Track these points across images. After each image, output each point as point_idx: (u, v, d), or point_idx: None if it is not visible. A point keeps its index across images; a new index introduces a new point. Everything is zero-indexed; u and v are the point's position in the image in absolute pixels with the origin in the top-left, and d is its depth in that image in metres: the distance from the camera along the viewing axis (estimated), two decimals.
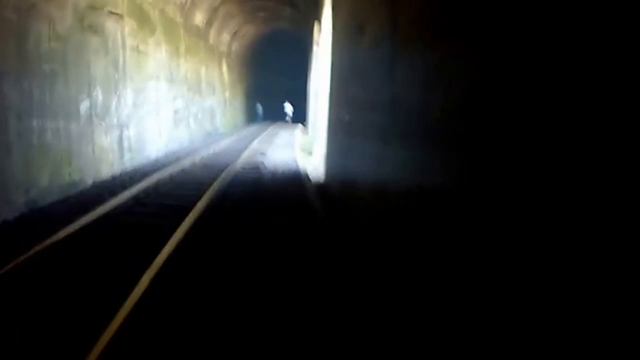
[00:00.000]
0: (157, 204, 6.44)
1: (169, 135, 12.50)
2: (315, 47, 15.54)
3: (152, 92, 11.07)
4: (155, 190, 7.25)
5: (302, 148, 14.11)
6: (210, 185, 7.31)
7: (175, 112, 13.28)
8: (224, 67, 21.44)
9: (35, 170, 6.32)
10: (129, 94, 9.52)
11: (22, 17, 6.00)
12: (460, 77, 2.26)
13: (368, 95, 4.44)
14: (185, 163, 9.58)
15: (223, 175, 8.14)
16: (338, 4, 7.54)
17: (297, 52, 27.23)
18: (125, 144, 9.38)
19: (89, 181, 7.72)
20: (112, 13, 8.62)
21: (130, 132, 9.65)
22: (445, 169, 2.41)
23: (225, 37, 20.45)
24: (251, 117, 29.30)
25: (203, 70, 17.04)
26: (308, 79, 21.97)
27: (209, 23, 16.77)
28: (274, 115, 32.17)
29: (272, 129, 22.89)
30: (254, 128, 23.36)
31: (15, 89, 5.84)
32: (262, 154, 12.15)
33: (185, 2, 13.55)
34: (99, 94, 8.13)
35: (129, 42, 9.52)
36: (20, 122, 5.95)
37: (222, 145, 13.85)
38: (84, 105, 7.60)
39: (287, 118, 31.11)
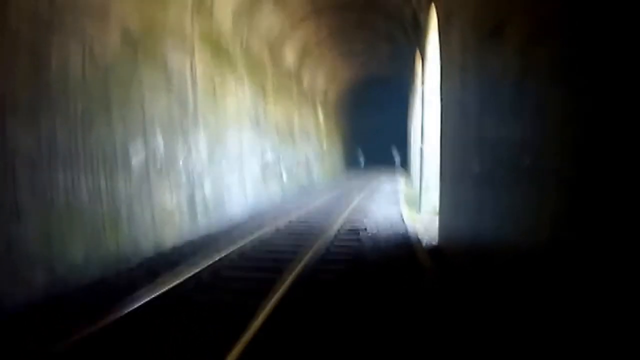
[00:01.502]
0: (224, 288, 4.43)
1: (256, 192, 10.42)
2: (417, 84, 12.90)
3: (233, 141, 9.12)
4: (227, 267, 5.18)
5: (407, 200, 11.31)
6: (292, 264, 4.91)
7: (264, 165, 11.27)
8: (320, 113, 19.64)
9: (61, 240, 4.33)
10: (202, 144, 7.56)
11: (40, 30, 4.21)
12: None
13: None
14: (268, 230, 7.28)
15: (311, 252, 5.55)
16: (449, 23, 5.28)
17: (396, 93, 24.78)
18: (199, 204, 7.30)
19: (147, 253, 5.62)
20: (177, 42, 6.82)
21: (206, 190, 7.60)
22: None
23: (320, 80, 18.75)
24: (350, 165, 27.09)
25: (296, 116, 15.20)
26: (409, 122, 19.31)
27: (301, 64, 15.07)
28: (375, 161, 29.83)
29: (374, 179, 20.24)
30: (354, 179, 20.90)
31: (27, 127, 3.98)
32: (364, 214, 9.48)
33: (275, 38, 11.86)
34: (158, 142, 6.16)
35: (202, 79, 7.67)
36: (35, 174, 4.04)
37: (318, 202, 11.43)
38: (137, 156, 5.62)
39: (396, 163, 29.11)
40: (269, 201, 11.25)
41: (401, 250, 6.08)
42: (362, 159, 30.00)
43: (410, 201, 11.47)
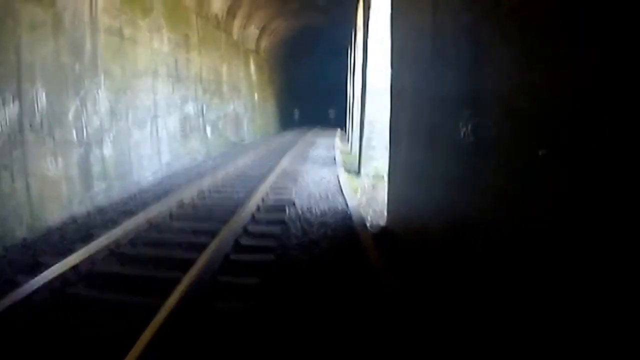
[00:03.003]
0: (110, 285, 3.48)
1: (173, 150, 9.62)
2: (359, 34, 12.30)
3: (144, 93, 8.20)
4: (114, 257, 4.28)
5: (345, 164, 10.79)
6: (179, 272, 3.88)
7: (184, 119, 10.40)
8: (252, 67, 18.60)
9: None
10: (102, 96, 6.64)
11: None
12: None
13: None
14: (183, 195, 6.51)
15: (212, 248, 4.09)
16: None
17: (335, 45, 23.88)
18: (95, 169, 6.48)
19: (16, 238, 4.81)
20: None
21: (105, 151, 6.76)
22: None
23: (253, 31, 17.60)
24: (286, 122, 26.34)
25: (225, 68, 14.19)
26: (349, 75, 18.77)
27: (230, 13, 13.92)
28: (312, 120, 29.21)
29: (309, 136, 19.73)
30: (288, 136, 20.29)
31: None
32: (293, 179, 8.45)
33: None
34: (39, 94, 5.24)
35: (105, 21, 6.65)
36: None
37: (243, 162, 10.73)
38: (4, 112, 4.73)
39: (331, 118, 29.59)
40: (190, 160, 10.48)
41: (340, 239, 4.70)
42: (296, 112, 29.44)
43: (348, 162, 11.02)
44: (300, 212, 5.86)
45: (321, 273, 3.80)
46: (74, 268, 3.74)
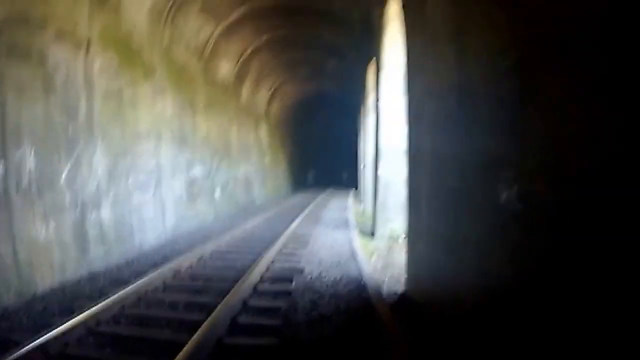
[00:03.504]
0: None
1: (179, 213, 9.19)
2: (370, 96, 12.23)
3: (147, 156, 7.90)
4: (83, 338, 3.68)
5: (359, 225, 10.22)
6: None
7: (191, 182, 10.07)
8: (263, 130, 18.61)
9: None
10: (99, 158, 6.32)
11: None
12: None
13: None
14: (182, 263, 5.97)
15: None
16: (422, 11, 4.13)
17: (345, 109, 24.05)
18: (92, 232, 6.04)
19: (6, 301, 4.31)
20: (64, 36, 5.63)
21: (103, 215, 6.34)
22: None
23: (263, 95, 17.79)
24: (298, 185, 26.10)
25: (234, 132, 14.09)
26: (360, 138, 18.66)
27: (239, 77, 14.05)
28: (325, 181, 29.07)
29: (321, 199, 19.27)
30: (300, 198, 19.86)
31: None
32: (304, 242, 7.86)
33: (204, 47, 10.78)
34: (26, 156, 4.90)
35: (102, 82, 6.48)
36: None
37: (252, 225, 10.22)
38: None
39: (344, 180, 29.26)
40: (197, 222, 10.02)
41: (354, 312, 4.11)
42: (310, 174, 29.31)
43: (361, 223, 10.49)
44: (310, 280, 5.27)
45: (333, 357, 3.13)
46: (41, 348, 3.16)
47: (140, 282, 4.82)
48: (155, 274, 5.21)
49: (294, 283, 5.14)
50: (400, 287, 4.96)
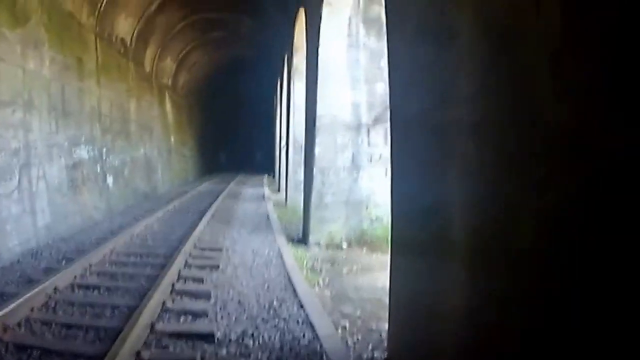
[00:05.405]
0: None
1: (57, 208, 7.00)
2: (299, 51, 9.99)
3: (7, 132, 5.70)
4: None
5: (284, 225, 8.26)
6: None
7: (75, 166, 7.85)
8: (168, 104, 16.25)
9: None
10: None
11: None
12: None
13: None
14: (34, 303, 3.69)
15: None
16: None
17: (265, 79, 21.31)
18: None
19: None
20: None
21: None
22: None
23: (169, 63, 15.41)
24: (208, 168, 23.70)
25: (133, 104, 11.76)
26: (278, 110, 16.97)
27: (141, 38, 11.68)
28: (238, 164, 26.90)
29: (235, 184, 17.34)
30: (210, 184, 17.72)
31: None
32: (212, 266, 5.17)
33: None
34: None
35: None
36: None
37: (140, 229, 7.50)
38: None
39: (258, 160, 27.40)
40: (82, 220, 7.82)
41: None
42: (222, 155, 27.22)
43: (285, 220, 8.62)
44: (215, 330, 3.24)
45: None
46: None
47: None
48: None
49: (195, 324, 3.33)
50: (377, 346, 3.16)
